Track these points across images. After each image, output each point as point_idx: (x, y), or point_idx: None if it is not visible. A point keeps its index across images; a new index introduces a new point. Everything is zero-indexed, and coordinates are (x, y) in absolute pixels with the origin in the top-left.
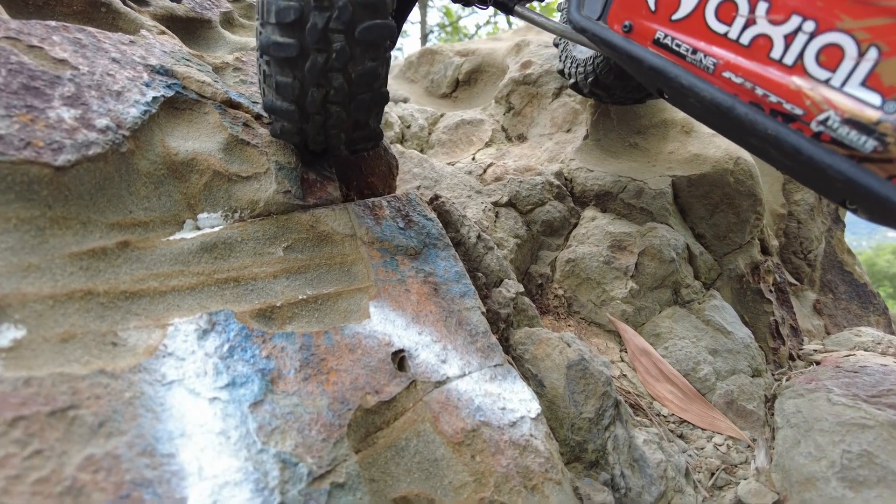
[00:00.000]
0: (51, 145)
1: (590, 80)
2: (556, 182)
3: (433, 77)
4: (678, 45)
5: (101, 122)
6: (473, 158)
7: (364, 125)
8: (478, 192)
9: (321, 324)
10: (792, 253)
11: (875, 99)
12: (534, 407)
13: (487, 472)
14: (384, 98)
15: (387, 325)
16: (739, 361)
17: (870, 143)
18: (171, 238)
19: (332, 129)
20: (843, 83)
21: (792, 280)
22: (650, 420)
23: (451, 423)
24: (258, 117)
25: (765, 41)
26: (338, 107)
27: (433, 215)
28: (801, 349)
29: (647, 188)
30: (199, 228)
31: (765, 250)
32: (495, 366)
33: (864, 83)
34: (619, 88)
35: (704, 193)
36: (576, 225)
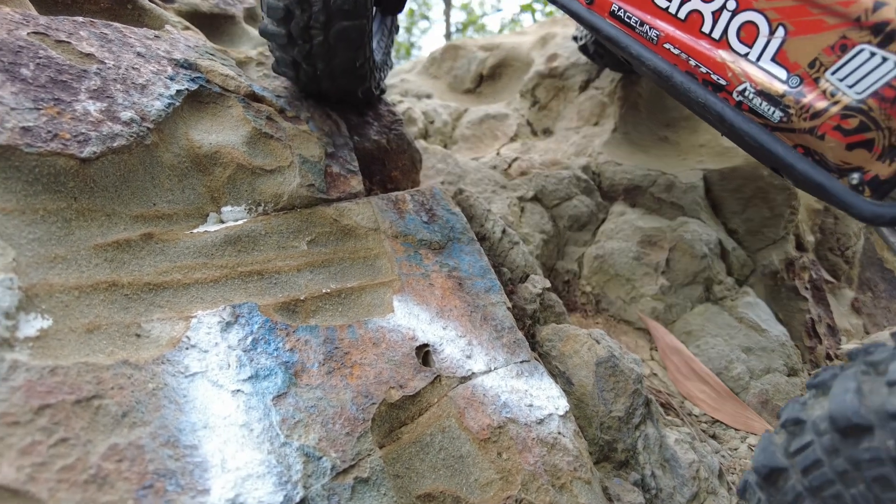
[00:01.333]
0: (77, 137)
1: (593, 40)
2: (584, 176)
3: (456, 72)
4: (629, 17)
5: (126, 114)
6: (498, 153)
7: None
8: (503, 187)
9: (345, 317)
10: (828, 249)
11: (782, 73)
12: (562, 404)
13: (514, 470)
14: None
15: (411, 319)
16: (774, 360)
17: (777, 114)
18: (195, 231)
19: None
20: (758, 58)
21: (829, 277)
22: (682, 419)
23: (476, 419)
24: (282, 111)
25: (697, 16)
26: (318, 32)
27: (457, 209)
28: (839, 349)
29: (677, 182)
30: (222, 221)
31: (800, 246)
32: (522, 362)
33: (774, 58)
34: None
35: (737, 187)
36: (604, 220)
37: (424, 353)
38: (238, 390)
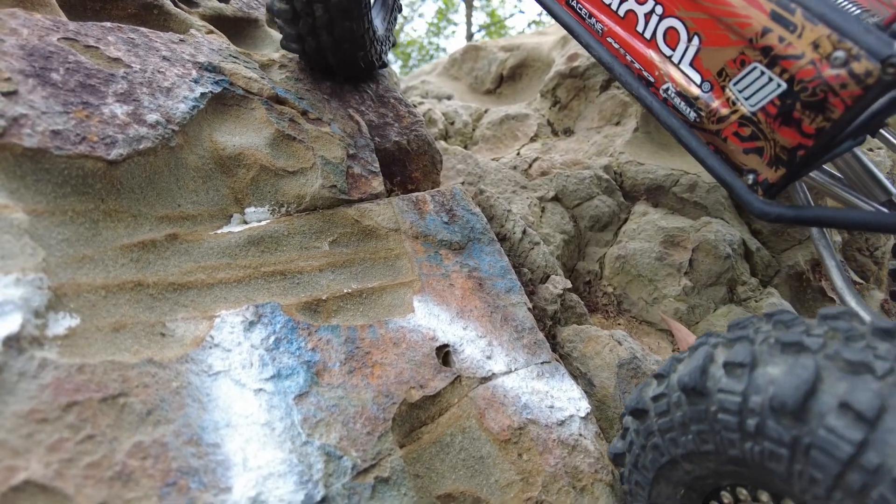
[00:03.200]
0: (104, 140)
1: None
2: (605, 176)
3: (477, 73)
4: (580, 8)
5: (152, 117)
6: (518, 153)
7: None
8: (523, 188)
9: (366, 317)
10: (857, 250)
11: (697, 78)
12: (583, 406)
13: (535, 472)
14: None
15: (431, 319)
16: None
17: (692, 114)
18: (219, 231)
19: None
20: (679, 61)
21: (857, 278)
22: None
23: (497, 420)
24: (304, 113)
25: (633, 16)
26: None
27: (478, 210)
28: None
29: (700, 181)
30: (246, 222)
31: None
32: (543, 363)
33: (692, 64)
34: None
35: None
36: (626, 220)
37: (444, 354)
38: (260, 389)
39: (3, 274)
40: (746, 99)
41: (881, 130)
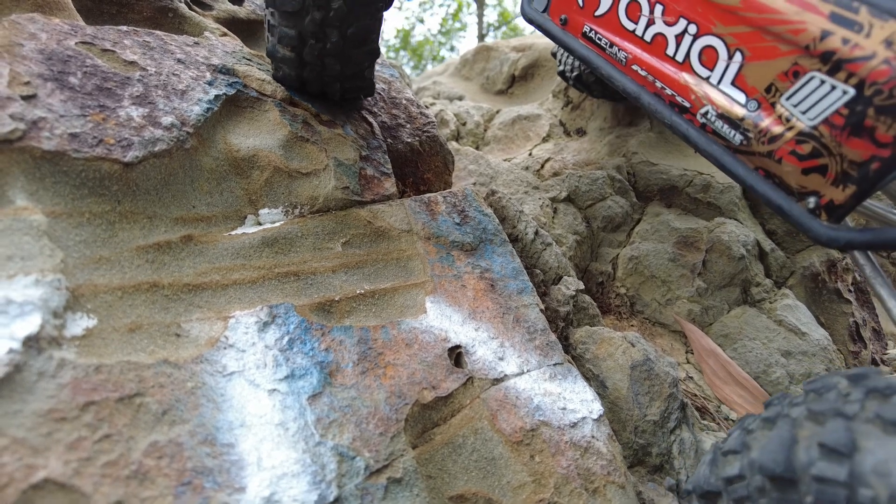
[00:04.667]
0: (120, 142)
1: (574, 74)
2: (618, 176)
3: (488, 74)
4: (599, 39)
5: (167, 119)
6: (530, 154)
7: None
8: (535, 188)
9: (378, 318)
10: (884, 256)
11: (741, 97)
12: (596, 408)
13: (547, 473)
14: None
15: (443, 320)
16: (815, 364)
17: (738, 137)
18: (233, 233)
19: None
20: (719, 81)
21: None
22: (718, 424)
23: (509, 421)
24: (317, 115)
25: (662, 39)
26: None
27: (489, 211)
28: (886, 354)
29: (714, 182)
30: (260, 223)
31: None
32: (555, 364)
33: (734, 83)
34: (596, 83)
35: None
36: (639, 221)
37: (457, 355)
38: (274, 389)
39: (23, 275)
40: (804, 113)
41: None
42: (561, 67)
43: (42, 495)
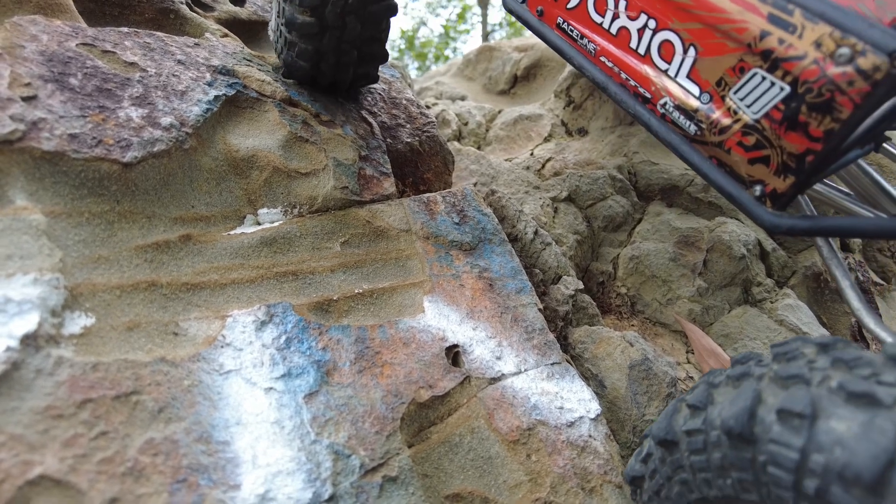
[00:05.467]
0: (120, 143)
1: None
2: (619, 176)
3: (491, 74)
4: (571, 30)
5: (166, 120)
6: (532, 154)
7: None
8: (536, 188)
9: (376, 317)
10: (878, 250)
11: (695, 90)
12: (593, 407)
13: (544, 472)
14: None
15: (441, 319)
16: None
17: (693, 127)
18: (232, 232)
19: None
20: (676, 74)
21: (877, 279)
22: None
23: (506, 420)
24: (317, 115)
25: (626, 33)
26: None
27: (489, 210)
28: None
29: None
30: (259, 223)
31: (846, 247)
32: (553, 364)
33: (689, 76)
34: None
35: None
36: (640, 220)
37: (454, 354)
38: (271, 388)
39: (22, 274)
40: (748, 106)
41: (885, 144)
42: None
43: (38, 492)
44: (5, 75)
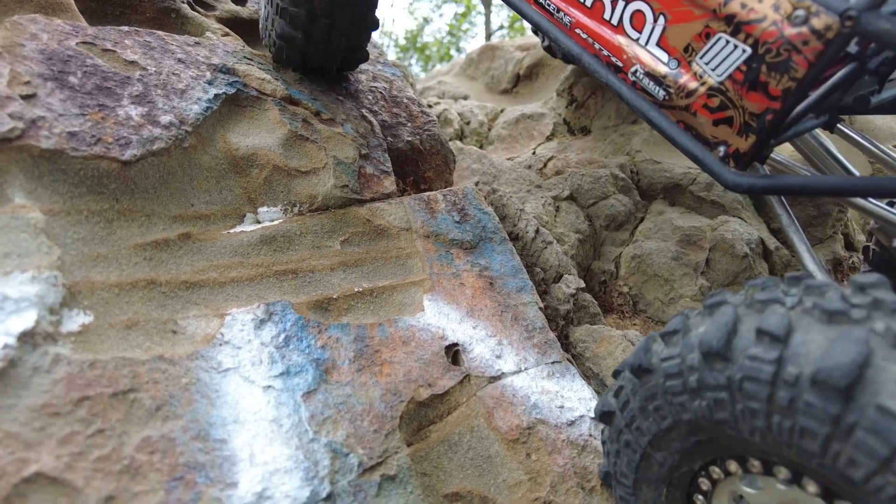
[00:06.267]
0: (119, 141)
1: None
2: (621, 175)
3: (493, 73)
4: (548, 4)
5: (166, 118)
6: (534, 153)
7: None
8: (538, 187)
9: (376, 316)
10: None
11: (664, 57)
12: (594, 406)
13: (543, 472)
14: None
15: (441, 318)
16: None
17: (661, 93)
18: (232, 231)
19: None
20: (646, 42)
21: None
22: None
23: (505, 419)
24: (317, 114)
25: (600, 5)
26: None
27: (490, 209)
28: None
29: None
30: (259, 222)
31: (849, 246)
32: (553, 363)
33: (658, 43)
34: None
35: None
36: (642, 219)
37: (454, 353)
38: (269, 386)
39: (20, 271)
40: (713, 70)
41: (839, 126)
42: (543, 41)
43: (34, 489)
44: (5, 73)
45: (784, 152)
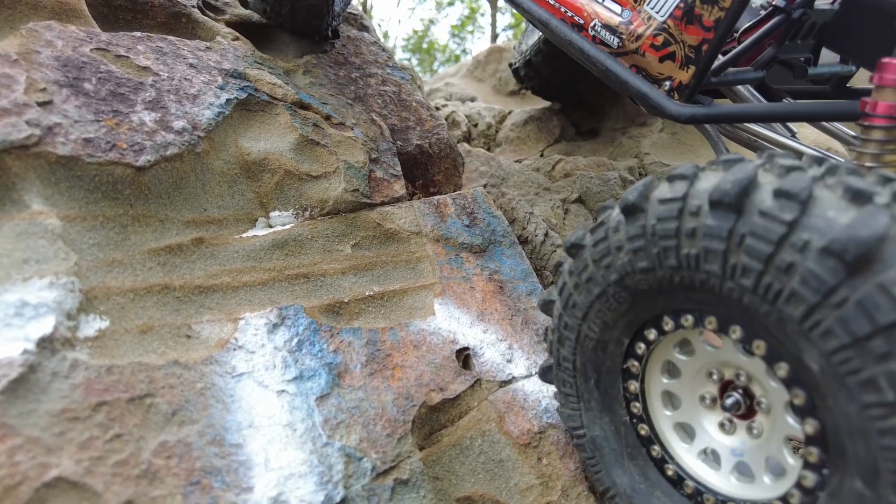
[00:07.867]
0: (133, 147)
1: (524, 62)
2: (630, 177)
3: (500, 75)
4: None
5: (179, 123)
6: (542, 155)
7: None
8: (546, 189)
9: (387, 320)
10: None
11: (617, 9)
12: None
13: (555, 476)
14: None
15: (451, 322)
16: None
17: (615, 41)
18: (244, 235)
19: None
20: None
21: None
22: None
23: (517, 423)
24: (328, 118)
25: None
26: None
27: (499, 212)
28: None
29: None
30: (271, 226)
31: None
32: None
33: None
34: (547, 71)
35: None
36: None
37: (465, 357)
38: (283, 391)
39: (38, 278)
40: (657, 11)
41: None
42: (512, 62)
43: (55, 493)
44: (21, 81)
45: None
